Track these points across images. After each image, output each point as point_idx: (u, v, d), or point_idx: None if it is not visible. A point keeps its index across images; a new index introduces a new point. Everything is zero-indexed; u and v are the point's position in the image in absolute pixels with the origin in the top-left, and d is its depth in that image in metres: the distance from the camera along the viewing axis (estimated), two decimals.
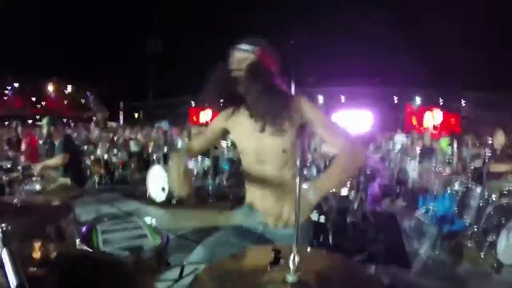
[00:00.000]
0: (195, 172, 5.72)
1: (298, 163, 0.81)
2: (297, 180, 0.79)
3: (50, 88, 31.38)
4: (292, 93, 1.45)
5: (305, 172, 3.08)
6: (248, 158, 1.46)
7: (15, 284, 0.54)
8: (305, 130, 1.39)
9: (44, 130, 3.96)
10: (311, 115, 1.33)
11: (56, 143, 3.92)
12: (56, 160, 3.65)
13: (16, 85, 28.31)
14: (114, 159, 7.04)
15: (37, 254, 0.75)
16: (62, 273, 0.70)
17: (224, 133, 1.55)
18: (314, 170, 4.53)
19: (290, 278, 0.75)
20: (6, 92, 28.37)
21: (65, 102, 32.88)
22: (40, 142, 5.95)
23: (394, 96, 27.10)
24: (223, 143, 7.02)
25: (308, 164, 3.31)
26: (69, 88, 33.09)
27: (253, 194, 1.49)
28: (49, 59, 26.95)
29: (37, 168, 3.43)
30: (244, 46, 1.34)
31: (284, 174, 1.39)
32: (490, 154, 4.07)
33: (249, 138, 1.42)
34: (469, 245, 3.38)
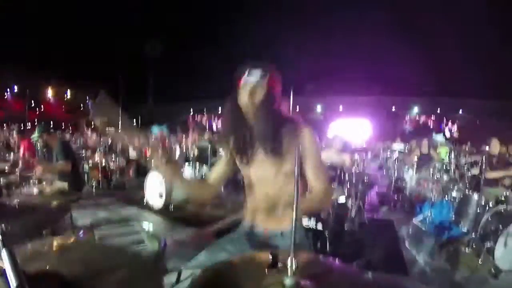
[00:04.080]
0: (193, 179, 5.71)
1: (296, 170, 0.81)
2: (295, 186, 0.80)
3: (50, 92, 31.35)
4: (297, 119, 1.46)
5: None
6: (250, 180, 1.50)
7: (15, 284, 0.55)
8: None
9: (40, 141, 3.98)
10: (309, 149, 1.37)
11: (54, 149, 3.93)
12: (59, 166, 3.67)
13: (15, 88, 28.27)
14: (112, 165, 7.03)
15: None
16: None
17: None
18: None
19: (288, 281, 0.75)
20: (6, 95, 28.33)
21: (64, 106, 32.83)
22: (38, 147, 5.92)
23: (393, 105, 27.25)
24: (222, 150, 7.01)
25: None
26: (68, 93, 33.06)
27: (253, 213, 1.53)
28: (48, 63, 26.95)
29: (38, 169, 3.44)
30: (257, 73, 1.35)
31: (283, 193, 1.42)
32: (486, 162, 4.09)
33: (251, 162, 1.46)
34: (467, 251, 3.39)
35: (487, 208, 3.48)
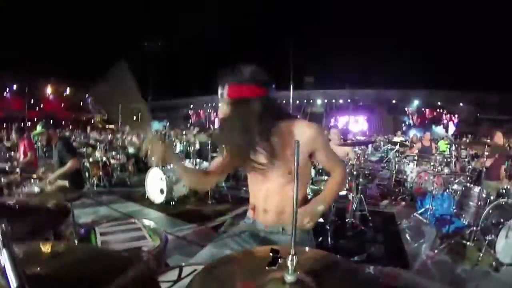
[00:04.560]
0: None
1: (295, 167, 0.81)
2: (295, 182, 0.80)
3: (49, 89, 31.26)
4: (293, 115, 1.46)
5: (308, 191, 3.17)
6: (254, 178, 1.51)
7: (15, 285, 0.54)
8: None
9: (42, 138, 3.93)
10: (317, 143, 1.38)
11: (54, 146, 3.91)
12: (68, 166, 3.66)
13: (14, 86, 28.19)
14: (112, 161, 7.03)
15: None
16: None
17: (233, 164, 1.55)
18: None
19: (289, 277, 0.75)
20: (5, 93, 28.26)
21: (63, 104, 32.77)
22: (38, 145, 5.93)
23: (393, 98, 27.19)
24: None
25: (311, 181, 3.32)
26: (68, 90, 32.98)
27: (255, 208, 1.53)
28: (47, 60, 26.88)
29: (51, 178, 3.43)
30: (221, 99, 1.33)
31: (287, 191, 1.42)
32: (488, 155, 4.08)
33: (251, 162, 1.44)
34: (468, 244, 3.39)
35: (488, 201, 3.48)
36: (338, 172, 1.48)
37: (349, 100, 27.69)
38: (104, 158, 6.61)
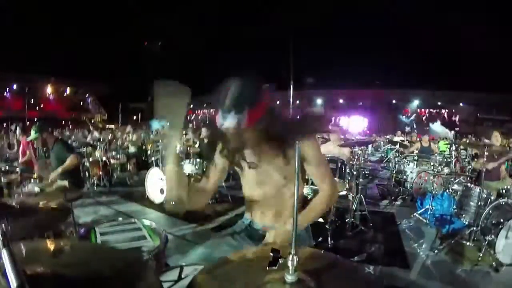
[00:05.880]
0: (193, 174, 5.71)
1: (296, 167, 0.81)
2: (295, 183, 0.80)
3: (49, 89, 31.26)
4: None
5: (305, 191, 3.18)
6: (249, 182, 1.49)
7: (15, 284, 0.54)
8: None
9: (38, 141, 3.92)
10: (310, 152, 1.35)
11: (50, 148, 3.90)
12: (68, 162, 3.69)
13: (14, 86, 28.19)
14: (112, 161, 7.03)
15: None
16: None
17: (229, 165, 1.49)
18: None
19: (289, 277, 0.75)
20: (5, 93, 28.25)
21: (64, 104, 32.76)
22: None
23: (393, 98, 27.20)
24: None
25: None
26: (68, 90, 32.99)
27: (252, 210, 1.53)
28: (47, 60, 26.87)
29: (52, 177, 3.45)
30: (231, 119, 1.17)
31: (282, 193, 1.43)
32: (487, 155, 4.08)
33: (247, 168, 1.44)
34: (468, 244, 3.39)
35: (489, 201, 3.48)
36: (325, 190, 1.40)
37: (349, 100, 27.71)
38: (104, 158, 6.61)
